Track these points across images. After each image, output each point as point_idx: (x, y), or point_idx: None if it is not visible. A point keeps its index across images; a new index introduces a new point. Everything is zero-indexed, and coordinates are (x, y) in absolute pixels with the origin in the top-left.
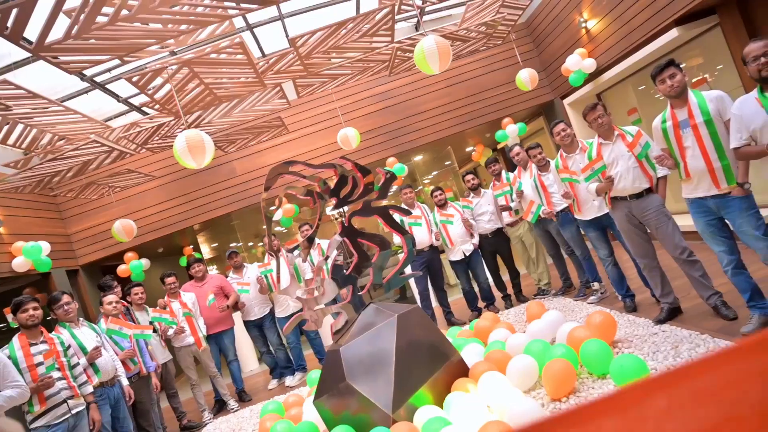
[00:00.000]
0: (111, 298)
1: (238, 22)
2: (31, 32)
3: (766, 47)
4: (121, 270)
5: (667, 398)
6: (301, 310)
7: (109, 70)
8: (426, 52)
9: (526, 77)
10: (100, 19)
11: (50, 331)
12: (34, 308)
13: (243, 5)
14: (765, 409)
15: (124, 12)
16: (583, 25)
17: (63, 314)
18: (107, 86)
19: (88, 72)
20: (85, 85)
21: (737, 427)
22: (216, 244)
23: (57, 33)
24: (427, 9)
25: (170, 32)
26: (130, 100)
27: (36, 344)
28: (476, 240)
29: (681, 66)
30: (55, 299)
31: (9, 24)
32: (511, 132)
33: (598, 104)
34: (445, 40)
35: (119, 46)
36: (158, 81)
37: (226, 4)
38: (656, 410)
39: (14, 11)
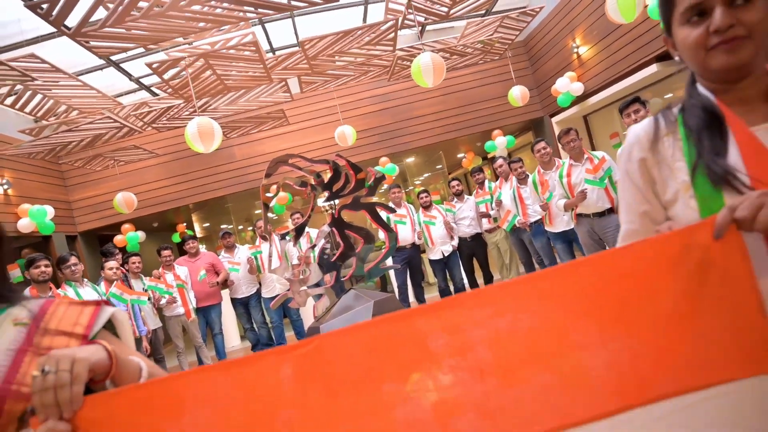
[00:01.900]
0: (112, 264)
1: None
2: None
3: None
4: (118, 240)
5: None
6: (288, 290)
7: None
8: (422, 67)
9: (518, 94)
10: (133, 13)
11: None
12: (46, 265)
13: (260, 10)
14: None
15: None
16: (576, 50)
17: (70, 274)
18: (121, 65)
19: None
20: (101, 62)
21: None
22: (208, 225)
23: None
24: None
25: (192, 28)
26: (141, 80)
27: (45, 298)
28: (455, 242)
29: (646, 103)
30: (64, 260)
31: (54, 12)
32: (499, 144)
33: (571, 129)
34: (441, 58)
35: (145, 36)
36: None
37: (245, 8)
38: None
39: (61, 2)
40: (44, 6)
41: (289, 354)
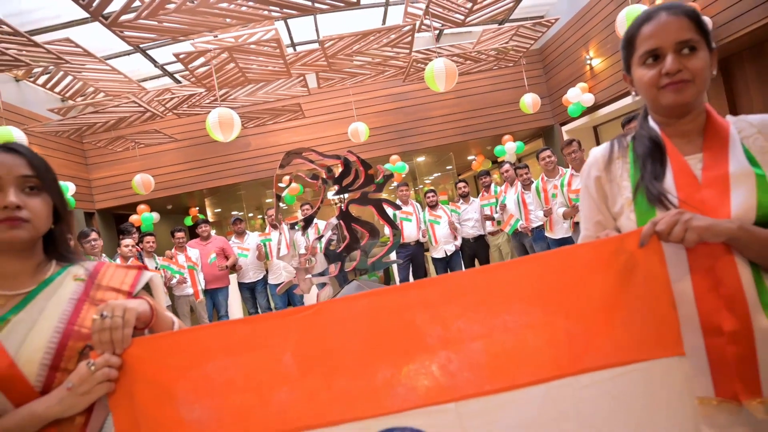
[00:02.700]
0: (128, 241)
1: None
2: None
3: None
4: (133, 219)
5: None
6: (294, 277)
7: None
8: (435, 72)
9: (530, 101)
10: (167, 6)
11: None
12: (68, 239)
13: (285, 11)
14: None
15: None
16: (588, 62)
17: (89, 248)
18: (147, 51)
19: None
20: (128, 47)
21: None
22: (219, 210)
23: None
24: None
25: (219, 23)
26: (165, 67)
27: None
28: (459, 242)
29: None
30: (85, 234)
31: (95, 4)
32: (509, 149)
33: (573, 141)
34: (453, 64)
35: (176, 29)
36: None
37: (271, 8)
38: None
39: None
40: None
41: (295, 316)
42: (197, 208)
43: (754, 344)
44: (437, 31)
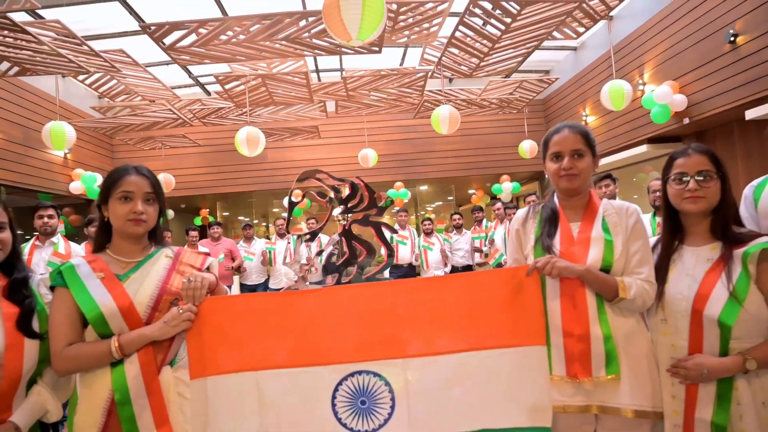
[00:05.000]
0: None
1: None
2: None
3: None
4: None
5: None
6: (295, 282)
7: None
8: (440, 117)
9: (527, 147)
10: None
11: None
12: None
13: (316, 51)
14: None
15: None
16: (584, 118)
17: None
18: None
19: None
20: (168, 58)
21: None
22: (227, 214)
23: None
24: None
25: (257, 55)
26: (198, 78)
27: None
28: (448, 269)
29: (616, 180)
30: (92, 221)
31: (159, 32)
32: (506, 188)
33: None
34: (457, 112)
35: (220, 57)
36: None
37: (304, 49)
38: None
39: (165, 27)
40: (151, 27)
41: (308, 294)
42: (207, 210)
43: (590, 344)
44: (448, 79)
